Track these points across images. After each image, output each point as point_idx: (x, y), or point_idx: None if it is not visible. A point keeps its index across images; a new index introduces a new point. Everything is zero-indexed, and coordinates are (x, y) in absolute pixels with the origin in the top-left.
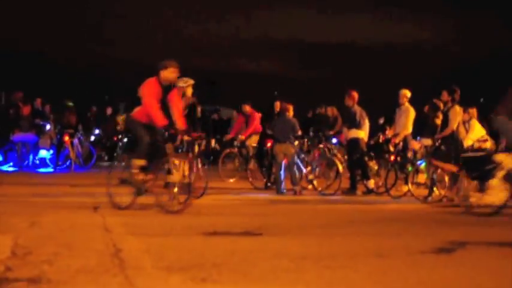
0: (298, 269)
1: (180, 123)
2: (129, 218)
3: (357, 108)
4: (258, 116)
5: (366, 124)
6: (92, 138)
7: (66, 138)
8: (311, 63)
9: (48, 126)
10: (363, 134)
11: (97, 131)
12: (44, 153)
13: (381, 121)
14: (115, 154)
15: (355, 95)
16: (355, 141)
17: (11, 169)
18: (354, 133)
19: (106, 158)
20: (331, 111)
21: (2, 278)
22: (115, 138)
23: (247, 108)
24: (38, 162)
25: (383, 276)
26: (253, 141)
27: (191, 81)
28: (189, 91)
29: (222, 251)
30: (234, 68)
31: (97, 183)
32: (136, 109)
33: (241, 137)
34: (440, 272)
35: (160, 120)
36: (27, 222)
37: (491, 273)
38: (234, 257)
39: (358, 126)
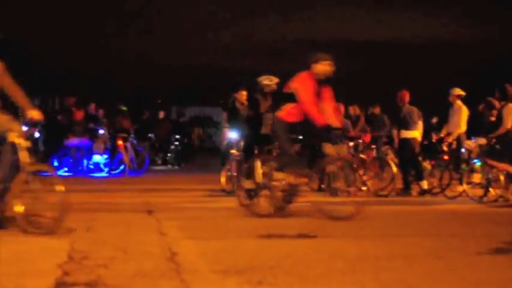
0: (354, 271)
1: (335, 120)
2: (184, 221)
3: (408, 108)
4: None
5: (420, 124)
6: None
7: (120, 142)
8: (359, 62)
9: (101, 131)
10: (416, 133)
11: (150, 135)
12: (98, 158)
13: (434, 120)
14: (167, 158)
15: (403, 94)
16: (407, 141)
17: (65, 174)
18: (405, 133)
19: (159, 162)
20: (353, 110)
21: (60, 283)
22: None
23: None
24: (92, 167)
25: (440, 277)
26: None
27: (276, 80)
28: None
29: (277, 254)
30: (278, 69)
31: (150, 188)
32: (284, 108)
33: None
34: (498, 273)
35: (319, 118)
36: (83, 226)
37: None
38: (289, 260)
39: (408, 126)
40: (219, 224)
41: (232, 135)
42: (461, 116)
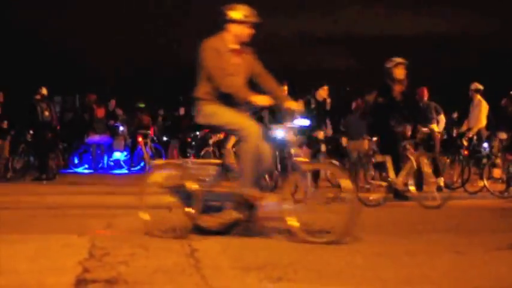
0: (374, 267)
1: None
2: None
3: (426, 104)
4: None
5: (441, 118)
6: (165, 138)
7: (140, 139)
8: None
9: (121, 128)
10: (434, 128)
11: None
12: (118, 155)
13: (455, 115)
14: (188, 154)
15: (422, 91)
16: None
17: (86, 171)
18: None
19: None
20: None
21: (81, 280)
22: (188, 139)
23: None
24: (112, 164)
25: (461, 273)
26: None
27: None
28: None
29: (297, 250)
30: (308, 65)
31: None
32: None
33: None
34: None
35: None
36: (103, 223)
37: None
38: (309, 256)
39: (426, 121)
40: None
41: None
42: (482, 110)
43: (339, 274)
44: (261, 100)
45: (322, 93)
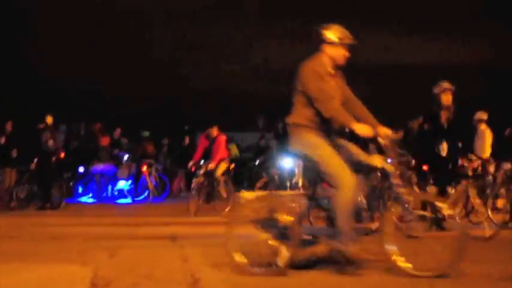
0: None
1: None
2: (207, 248)
3: None
4: (223, 139)
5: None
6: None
7: (144, 168)
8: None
9: (126, 157)
10: None
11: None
12: (122, 184)
13: (460, 144)
14: (192, 184)
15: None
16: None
17: (90, 200)
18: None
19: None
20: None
21: None
22: (192, 169)
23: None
24: (116, 193)
25: None
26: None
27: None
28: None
29: (306, 282)
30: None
31: (173, 214)
32: None
33: (211, 165)
34: None
35: None
36: (106, 253)
37: None
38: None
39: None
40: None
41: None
42: (486, 140)
43: None
44: (363, 130)
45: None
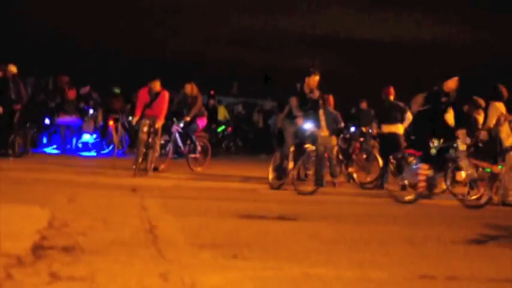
0: (329, 251)
1: None
2: (168, 199)
3: (390, 103)
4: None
5: (408, 118)
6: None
7: (111, 122)
8: (356, 60)
9: (91, 111)
10: (397, 128)
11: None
12: (87, 137)
13: None
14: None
15: (387, 89)
16: (388, 135)
17: (54, 151)
18: (386, 127)
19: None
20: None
21: (38, 245)
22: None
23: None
24: (80, 145)
25: (412, 261)
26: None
27: None
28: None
29: (255, 233)
30: (288, 64)
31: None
32: None
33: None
34: (470, 261)
35: None
36: (66, 198)
37: None
38: (267, 238)
39: (390, 120)
40: (201, 203)
41: (307, 125)
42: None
43: (294, 256)
44: None
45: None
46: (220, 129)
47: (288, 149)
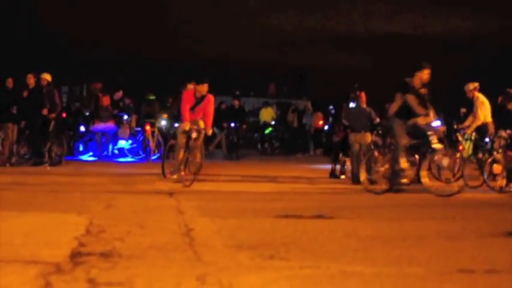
0: (366, 249)
1: None
2: (204, 202)
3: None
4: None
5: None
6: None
7: (147, 127)
8: (388, 57)
9: (126, 117)
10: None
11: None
12: (123, 143)
13: (463, 110)
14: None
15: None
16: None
17: (90, 159)
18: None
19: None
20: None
21: (76, 252)
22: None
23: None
24: (117, 152)
25: (450, 255)
26: None
27: None
28: None
29: (292, 232)
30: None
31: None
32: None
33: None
34: (509, 253)
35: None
36: (103, 205)
37: None
38: (304, 237)
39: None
40: (237, 205)
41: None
42: (479, 107)
43: (332, 254)
44: None
45: None
46: (267, 130)
47: (400, 149)
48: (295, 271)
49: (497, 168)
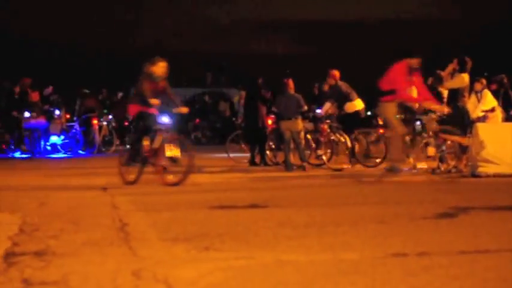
0: (301, 236)
1: None
2: (138, 196)
3: (341, 84)
4: None
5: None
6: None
7: (95, 122)
8: (311, 41)
9: (57, 112)
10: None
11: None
12: (55, 138)
13: None
14: (126, 138)
15: (335, 73)
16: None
17: (23, 156)
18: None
19: (117, 142)
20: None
21: (9, 253)
22: (125, 123)
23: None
24: (49, 148)
25: (383, 240)
26: None
27: None
28: None
29: (226, 222)
30: (242, 50)
31: (107, 166)
32: None
33: None
34: (441, 235)
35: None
36: (36, 202)
37: (491, 235)
38: (238, 227)
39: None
40: (171, 198)
41: None
42: None
43: (266, 244)
44: None
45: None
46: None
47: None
48: (230, 262)
49: (431, 150)
